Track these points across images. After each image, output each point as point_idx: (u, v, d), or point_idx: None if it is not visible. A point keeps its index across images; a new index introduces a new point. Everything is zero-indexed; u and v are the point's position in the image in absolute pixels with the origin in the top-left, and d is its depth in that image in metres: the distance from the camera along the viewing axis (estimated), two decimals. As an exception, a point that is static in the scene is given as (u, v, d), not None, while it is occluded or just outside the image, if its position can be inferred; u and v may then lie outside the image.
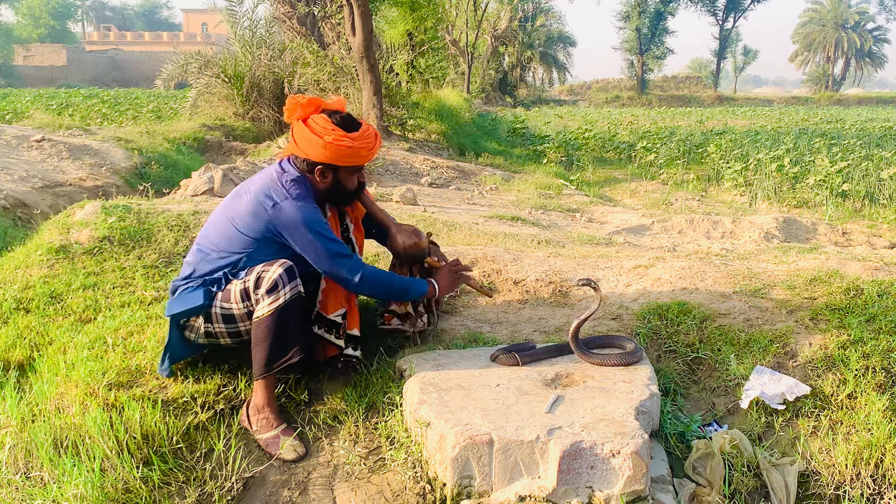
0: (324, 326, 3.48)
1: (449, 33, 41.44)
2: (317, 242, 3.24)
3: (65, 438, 2.96)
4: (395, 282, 3.55)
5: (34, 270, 4.76)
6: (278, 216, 3.23)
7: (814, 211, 11.36)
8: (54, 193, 9.80)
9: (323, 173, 3.37)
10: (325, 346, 3.51)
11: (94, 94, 33.87)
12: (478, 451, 2.73)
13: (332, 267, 3.29)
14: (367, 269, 3.36)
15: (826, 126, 27.33)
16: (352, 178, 3.48)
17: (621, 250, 5.89)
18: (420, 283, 3.61)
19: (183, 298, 3.32)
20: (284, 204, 3.24)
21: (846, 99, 69.05)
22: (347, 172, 3.43)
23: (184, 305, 3.29)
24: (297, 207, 3.24)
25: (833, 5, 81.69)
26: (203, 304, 3.25)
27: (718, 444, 3.09)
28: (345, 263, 3.29)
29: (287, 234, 3.24)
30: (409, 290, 3.57)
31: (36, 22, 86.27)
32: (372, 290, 3.51)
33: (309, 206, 3.29)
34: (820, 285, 4.15)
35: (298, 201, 3.26)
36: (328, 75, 16.57)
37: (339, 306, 3.49)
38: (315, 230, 3.24)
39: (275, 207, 3.24)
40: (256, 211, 3.27)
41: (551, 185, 12.24)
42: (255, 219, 3.27)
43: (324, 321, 3.47)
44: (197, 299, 3.26)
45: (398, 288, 3.54)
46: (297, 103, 3.37)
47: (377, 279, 3.41)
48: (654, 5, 66.21)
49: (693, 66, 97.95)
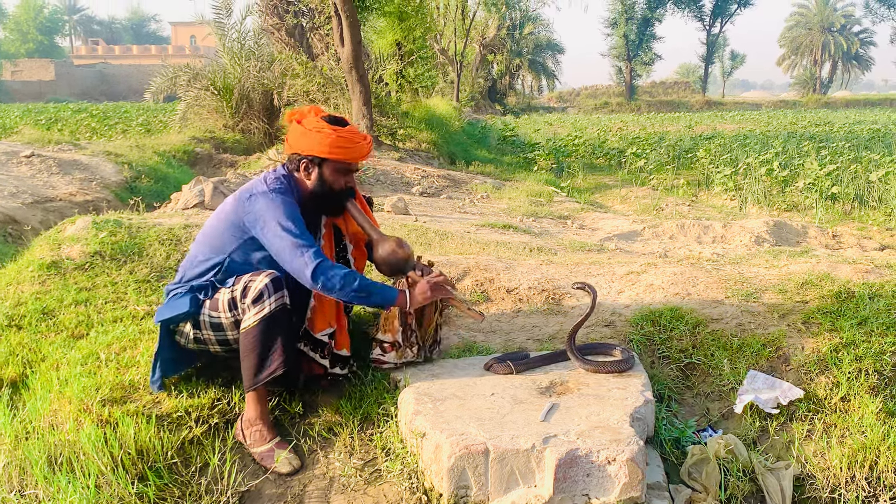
0: (309, 344, 3.46)
1: (437, 42, 41.51)
2: (281, 233, 3.15)
3: (59, 455, 2.95)
4: (356, 281, 3.20)
5: (26, 287, 4.74)
6: (252, 207, 3.23)
7: (804, 214, 11.40)
8: (45, 209, 9.78)
9: (308, 167, 3.38)
10: (311, 363, 3.49)
11: (83, 108, 33.72)
12: (473, 460, 2.73)
13: (290, 257, 3.13)
14: (326, 262, 3.15)
15: (814, 129, 27.41)
16: (338, 179, 3.41)
17: (613, 257, 5.90)
18: (389, 288, 3.37)
19: (171, 305, 3.33)
20: (259, 195, 3.25)
21: (834, 102, 69.37)
22: (332, 169, 3.38)
23: (172, 311, 3.29)
24: (270, 199, 3.23)
25: (819, 9, 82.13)
26: (189, 311, 3.25)
27: (713, 449, 3.10)
28: (303, 253, 3.12)
29: (258, 226, 3.21)
30: (372, 293, 3.27)
31: (24, 37, 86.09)
32: (328, 284, 3.13)
33: (282, 198, 3.25)
34: (811, 289, 4.17)
35: (273, 193, 3.26)
36: (317, 86, 16.58)
37: (327, 325, 3.46)
38: (280, 221, 3.17)
39: (250, 199, 3.26)
40: (236, 206, 3.30)
41: (542, 192, 12.26)
42: (234, 214, 3.29)
43: (310, 339, 3.46)
44: (183, 306, 3.26)
45: (360, 287, 3.19)
46: (297, 110, 3.44)
47: (335, 273, 3.14)
48: (641, 12, 66.51)
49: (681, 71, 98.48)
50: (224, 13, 19.20)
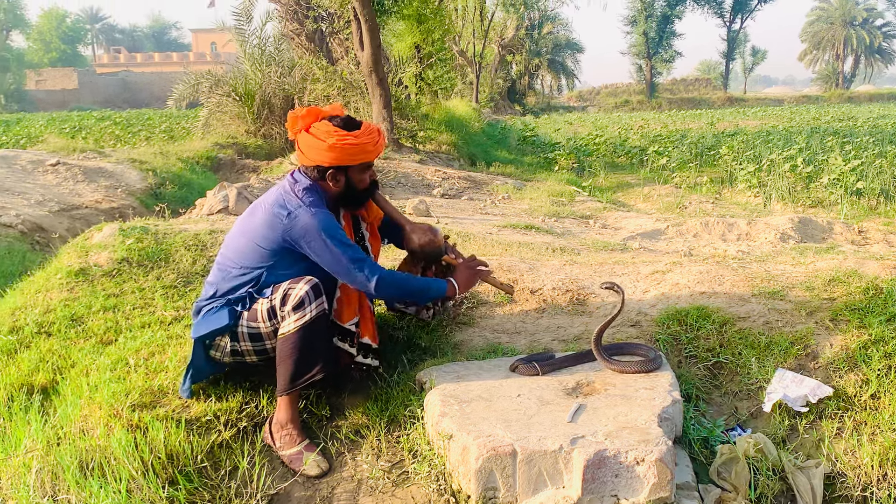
0: (338, 335, 3.49)
1: (456, 44, 41.58)
2: (333, 248, 3.23)
3: (90, 460, 2.98)
4: (413, 283, 3.53)
5: (54, 294, 4.79)
6: (294, 225, 3.24)
7: (829, 210, 11.29)
8: (71, 216, 9.89)
9: (335, 177, 3.39)
10: (339, 354, 3.52)
11: (107, 116, 34.03)
12: (501, 462, 2.73)
13: (349, 272, 3.28)
14: (383, 273, 3.35)
15: (838, 124, 27.21)
16: (363, 177, 3.48)
17: (637, 256, 5.88)
18: (439, 282, 3.59)
19: (208, 320, 3.34)
20: (299, 212, 3.26)
21: (857, 96, 68.73)
22: (358, 171, 3.44)
23: (210, 327, 3.31)
24: (312, 214, 3.25)
25: (840, 3, 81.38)
26: (228, 324, 3.27)
27: (742, 448, 3.08)
28: (361, 268, 3.28)
29: (304, 243, 3.25)
30: (428, 289, 3.55)
31: (47, 46, 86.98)
32: (390, 293, 3.49)
33: (323, 212, 3.30)
34: (839, 285, 4.13)
35: (312, 208, 3.27)
36: (338, 90, 16.65)
37: (354, 314, 3.49)
38: (330, 235, 3.24)
39: (289, 217, 3.26)
40: (272, 223, 3.29)
41: (564, 192, 12.23)
42: (271, 231, 3.29)
43: (338, 329, 3.48)
44: (222, 319, 3.28)
45: (417, 289, 3.53)
46: (297, 116, 3.42)
47: (395, 281, 3.41)
48: (660, 9, 66.13)
49: (702, 68, 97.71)
50: (244, 20, 19.35)
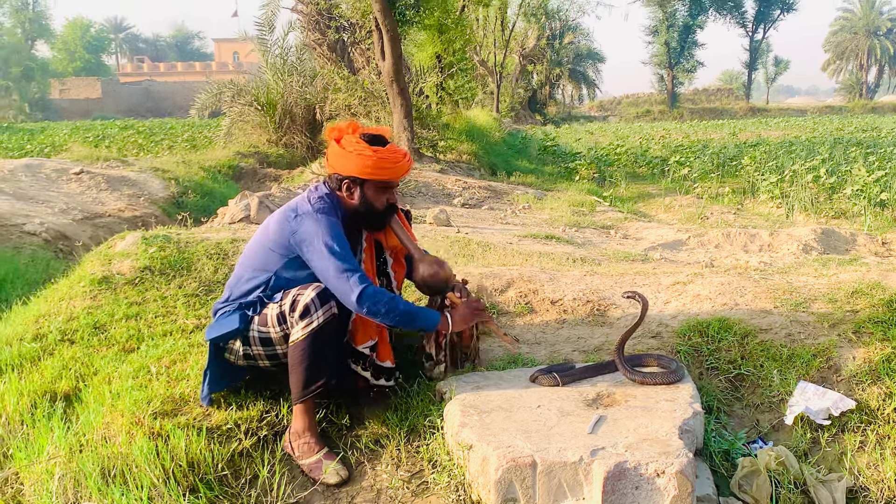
0: (351, 357, 3.47)
1: (477, 54, 41.62)
2: (325, 254, 3.19)
3: (112, 468, 3.00)
4: (400, 305, 3.29)
5: (77, 302, 4.84)
6: (298, 227, 3.25)
7: (852, 221, 11.20)
8: (94, 225, 9.99)
9: (349, 188, 3.39)
10: (354, 375, 3.52)
11: (130, 125, 34.33)
12: (521, 473, 2.72)
13: (335, 281, 3.18)
14: (371, 287, 3.20)
15: (861, 135, 26.98)
16: (379, 197, 3.44)
17: (658, 266, 5.86)
18: (432, 313, 3.45)
19: (220, 323, 3.38)
20: (305, 216, 3.27)
21: (881, 107, 68.10)
22: (374, 188, 3.41)
23: (221, 329, 3.33)
24: (316, 219, 3.25)
25: (864, 13, 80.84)
26: (239, 328, 3.28)
27: (764, 461, 3.06)
28: (348, 277, 3.16)
29: (304, 246, 3.24)
30: (417, 316, 3.36)
31: (71, 56, 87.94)
32: (373, 309, 3.19)
33: (328, 218, 3.28)
34: (862, 298, 4.10)
35: (319, 213, 3.27)
36: (359, 100, 16.74)
37: (369, 338, 3.46)
38: (326, 242, 3.20)
39: (296, 219, 3.28)
40: (281, 224, 3.32)
41: (584, 202, 12.21)
42: (280, 233, 3.31)
43: (352, 351, 3.47)
44: (233, 323, 3.30)
45: (403, 311, 3.28)
46: (336, 127, 3.44)
47: (381, 298, 3.20)
48: (682, 19, 65.93)
49: (724, 78, 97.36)
50: (267, 30, 19.51)
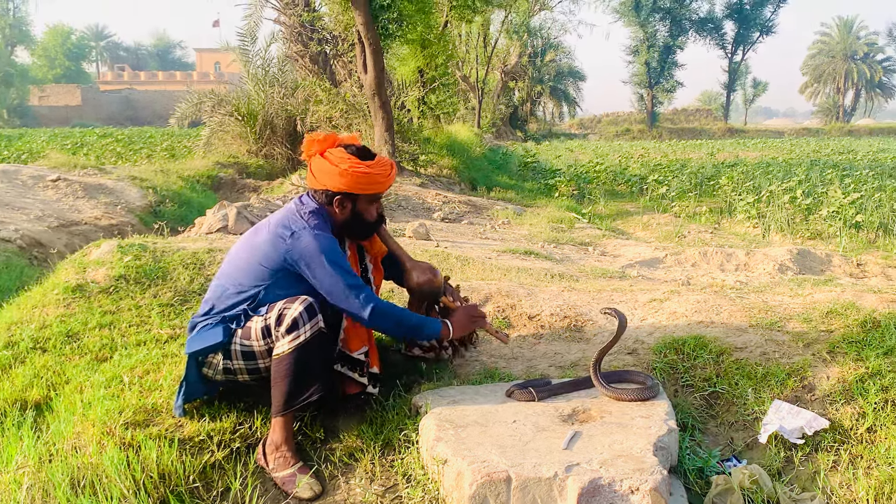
0: (347, 364, 3.47)
1: (459, 69, 41.75)
2: (331, 273, 3.22)
3: (82, 478, 2.96)
4: (407, 318, 3.45)
5: (51, 310, 4.79)
6: (295, 246, 3.24)
7: (828, 242, 11.31)
8: (70, 232, 9.89)
9: (342, 203, 3.40)
10: (345, 383, 3.51)
11: (109, 133, 34.14)
12: (495, 488, 2.71)
13: (346, 298, 3.24)
14: (379, 303, 3.31)
15: (838, 157, 27.32)
16: (370, 209, 3.49)
17: (635, 284, 5.88)
18: (434, 322, 3.56)
19: (202, 335, 3.33)
20: (302, 233, 3.26)
21: (857, 130, 69.02)
22: (366, 202, 3.44)
23: (203, 343, 3.29)
24: (314, 237, 3.25)
25: (842, 37, 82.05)
26: (222, 342, 3.25)
27: (738, 479, 3.06)
28: (357, 296, 3.24)
29: (303, 264, 3.24)
30: (422, 327, 3.49)
31: (51, 63, 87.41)
32: (383, 325, 3.38)
33: (325, 236, 3.29)
34: (836, 318, 4.13)
35: (316, 231, 3.28)
36: (340, 112, 16.73)
37: (362, 344, 3.49)
38: (331, 260, 3.22)
39: (293, 237, 3.26)
40: (274, 242, 3.29)
41: (563, 218, 12.25)
42: (273, 249, 3.28)
43: (347, 359, 3.47)
44: (216, 336, 3.27)
45: (411, 325, 3.45)
46: (314, 140, 3.41)
47: (390, 313, 3.34)
48: (662, 39, 66.53)
49: (703, 98, 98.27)
50: (249, 40, 19.52)
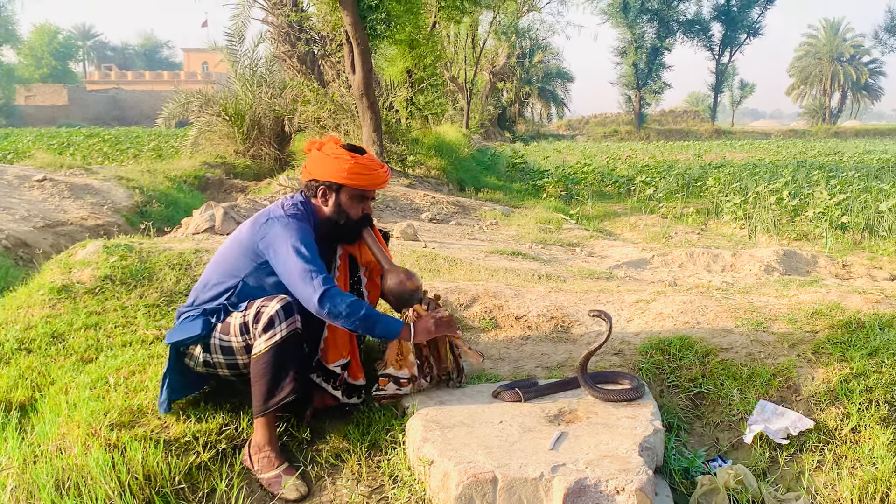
0: (322, 375, 3.46)
1: (448, 70, 41.75)
2: (290, 256, 3.15)
3: (67, 479, 2.95)
4: (363, 309, 3.19)
5: (36, 310, 4.76)
6: (267, 231, 3.25)
7: (814, 243, 11.37)
8: (56, 233, 9.83)
9: (325, 193, 3.41)
10: (323, 394, 3.50)
11: (96, 133, 33.96)
12: (481, 489, 2.71)
13: (299, 282, 3.12)
14: (334, 289, 3.14)
15: (824, 158, 27.46)
16: (355, 206, 3.46)
17: (622, 284, 5.90)
18: (394, 321, 3.38)
19: (183, 327, 3.34)
20: (276, 220, 3.28)
21: (843, 131, 69.38)
22: (349, 196, 3.43)
23: (183, 334, 3.30)
24: (285, 223, 3.25)
25: (828, 39, 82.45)
26: (200, 335, 3.26)
27: (723, 479, 3.07)
28: (312, 278, 3.10)
29: (271, 251, 3.22)
30: (377, 323, 3.27)
31: (38, 62, 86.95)
32: (335, 312, 3.11)
33: (298, 223, 3.27)
34: (821, 319, 4.15)
35: (290, 218, 3.28)
36: (328, 112, 16.70)
37: (340, 356, 3.47)
38: (295, 246, 3.17)
39: (266, 223, 3.28)
40: (252, 229, 3.32)
41: (551, 219, 12.27)
42: (250, 238, 3.30)
43: (323, 370, 3.46)
44: (195, 329, 3.27)
45: (365, 315, 3.18)
46: (317, 140, 3.48)
47: (342, 301, 3.13)
48: (650, 41, 66.71)
49: (690, 100, 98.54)
50: (236, 40, 19.47)
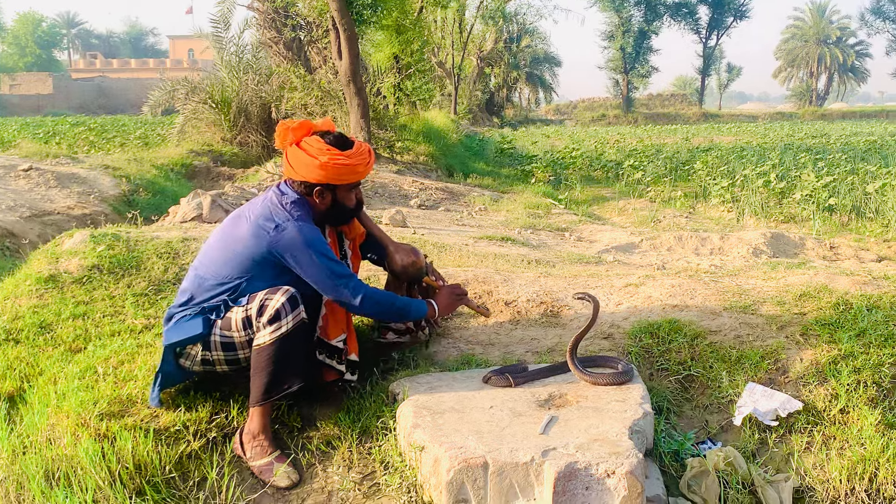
0: (325, 352, 3.46)
1: (435, 55, 41.65)
2: (319, 264, 3.23)
3: (56, 470, 2.94)
4: (395, 302, 3.52)
5: (23, 301, 4.73)
6: (281, 238, 3.22)
7: (801, 226, 11.42)
8: (42, 222, 9.78)
9: (322, 194, 3.37)
10: (322, 371, 3.50)
11: (81, 121, 33.68)
12: (472, 474, 2.72)
13: (335, 289, 3.28)
14: (368, 290, 3.35)
15: (811, 141, 27.50)
16: (350, 196, 3.48)
17: (611, 269, 5.90)
18: (420, 303, 3.62)
19: (181, 327, 3.29)
20: (287, 225, 3.23)
21: (830, 114, 69.63)
22: (346, 191, 3.44)
23: (183, 334, 3.26)
24: (299, 229, 3.23)
25: (815, 21, 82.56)
26: (203, 333, 3.23)
27: (713, 461, 3.09)
28: (347, 284, 3.28)
29: (289, 256, 3.22)
30: (409, 309, 3.56)
31: (22, 51, 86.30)
32: (373, 311, 3.45)
33: (310, 227, 3.29)
34: (809, 300, 4.17)
35: (300, 222, 3.26)
36: (315, 99, 16.61)
37: (340, 331, 3.47)
38: (318, 251, 3.23)
39: (277, 229, 3.23)
40: (258, 234, 3.26)
41: (540, 204, 12.26)
42: (256, 241, 3.25)
43: (325, 347, 3.46)
44: (196, 328, 3.24)
45: (399, 308, 3.52)
46: (288, 128, 3.37)
47: (379, 299, 3.40)
48: (637, 24, 66.73)
49: (678, 83, 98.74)
50: (222, 27, 19.28)
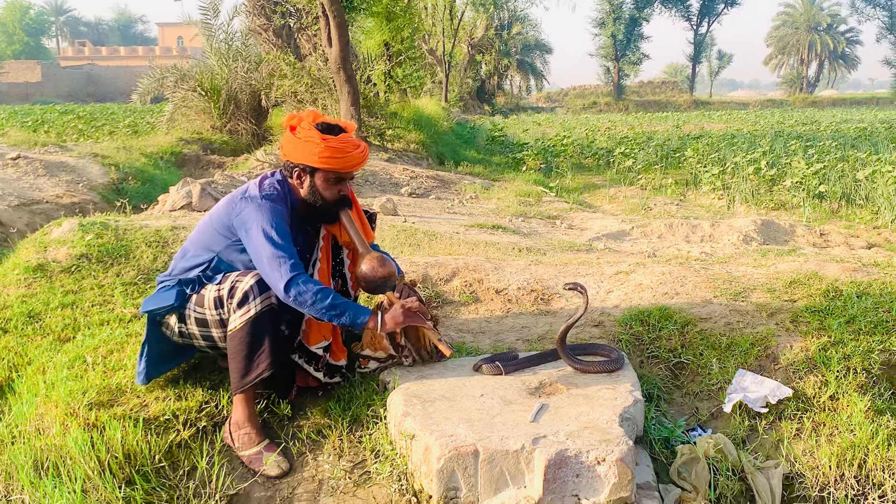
0: (304, 357, 3.44)
1: (426, 42, 41.53)
2: (261, 240, 3.12)
3: (45, 460, 2.93)
4: (329, 298, 3.11)
5: (11, 290, 4.71)
6: (241, 210, 3.21)
7: (791, 213, 11.44)
8: (31, 211, 9.71)
9: (300, 176, 3.35)
10: (306, 376, 3.49)
11: (70, 109, 33.50)
12: (463, 462, 2.72)
13: (267, 267, 3.08)
14: (301, 276, 3.08)
15: (801, 128, 27.55)
16: (330, 188, 3.37)
17: (602, 256, 5.91)
18: (361, 310, 3.23)
19: (158, 296, 3.32)
20: (250, 199, 3.23)
21: (820, 101, 69.75)
22: (324, 178, 3.34)
23: (158, 303, 3.29)
24: (259, 204, 3.20)
25: (805, 8, 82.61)
26: (174, 305, 3.24)
27: (703, 448, 3.10)
28: (280, 265, 3.06)
29: (243, 231, 3.19)
30: (344, 311, 3.15)
31: (9, 38, 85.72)
32: (300, 299, 3.06)
33: (271, 205, 3.22)
34: (799, 288, 4.18)
35: (264, 199, 3.23)
36: (305, 87, 16.52)
37: (322, 338, 3.45)
38: (265, 229, 3.13)
39: (242, 200, 3.24)
40: (228, 206, 3.28)
41: (531, 192, 12.26)
42: (226, 214, 3.27)
43: (305, 351, 3.44)
44: (169, 299, 3.26)
45: (331, 304, 3.11)
46: (295, 115, 3.39)
47: (308, 288, 3.07)
48: (628, 11, 66.65)
49: (669, 71, 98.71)
50: (211, 14, 19.14)
